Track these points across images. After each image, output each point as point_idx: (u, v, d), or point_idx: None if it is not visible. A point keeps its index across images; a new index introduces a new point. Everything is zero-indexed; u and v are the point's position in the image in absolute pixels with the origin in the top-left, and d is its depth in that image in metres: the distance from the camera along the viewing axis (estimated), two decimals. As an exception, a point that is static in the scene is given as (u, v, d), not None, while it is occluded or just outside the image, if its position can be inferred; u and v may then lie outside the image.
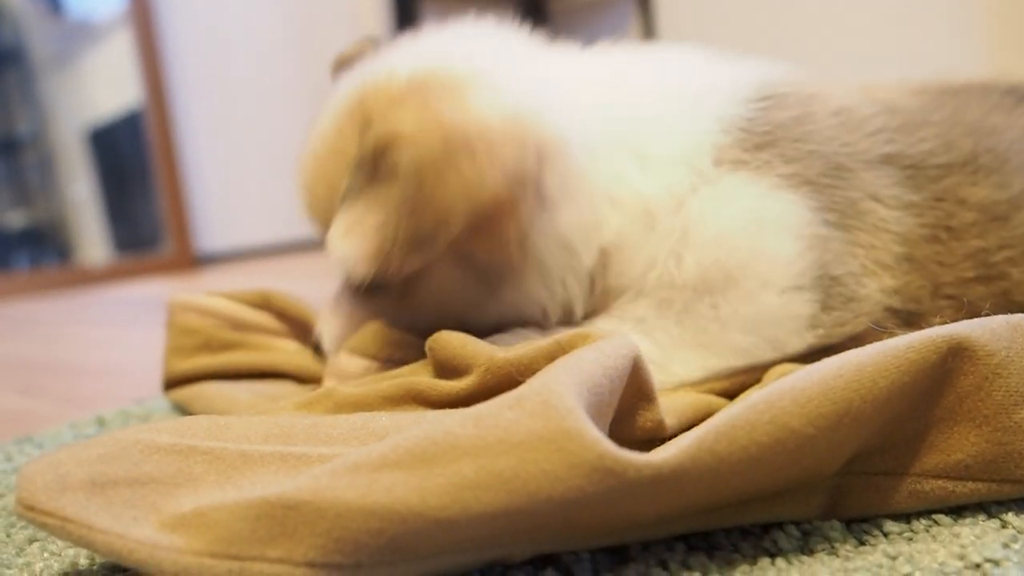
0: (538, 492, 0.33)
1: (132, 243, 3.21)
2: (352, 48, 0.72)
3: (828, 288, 0.56)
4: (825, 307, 0.56)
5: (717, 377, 0.57)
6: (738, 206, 0.57)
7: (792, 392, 0.36)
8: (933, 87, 0.67)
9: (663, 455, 0.34)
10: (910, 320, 0.59)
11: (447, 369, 0.53)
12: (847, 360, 0.38)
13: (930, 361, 0.39)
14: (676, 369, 0.57)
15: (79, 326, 1.77)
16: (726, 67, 0.64)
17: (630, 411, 0.44)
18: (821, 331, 0.56)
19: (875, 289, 0.58)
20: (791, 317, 0.56)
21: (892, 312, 0.59)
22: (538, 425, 0.33)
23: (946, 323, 0.57)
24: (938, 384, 0.40)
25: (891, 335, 0.42)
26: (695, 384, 0.57)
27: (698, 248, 0.57)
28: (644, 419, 0.44)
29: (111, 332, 1.63)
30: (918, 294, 0.59)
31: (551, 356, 0.48)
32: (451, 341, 0.53)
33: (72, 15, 3.26)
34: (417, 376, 0.54)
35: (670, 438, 0.46)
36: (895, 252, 0.59)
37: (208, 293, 0.81)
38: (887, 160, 0.61)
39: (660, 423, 0.45)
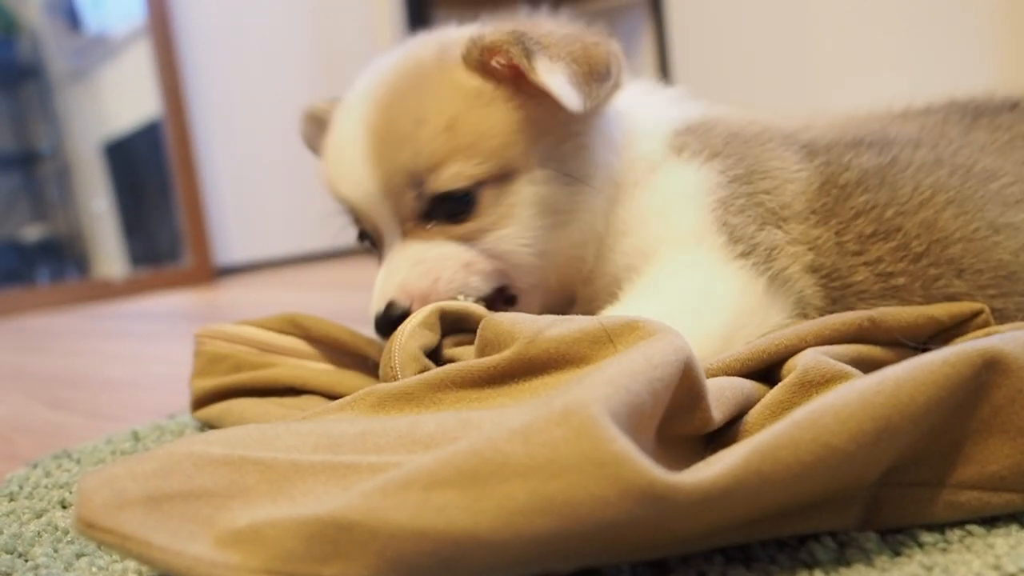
0: (589, 516, 0.33)
1: (150, 256, 3.24)
2: (323, 105, 0.84)
3: (731, 231, 0.68)
4: (732, 239, 0.68)
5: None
6: (658, 187, 0.73)
7: (833, 409, 0.37)
8: (849, 115, 0.83)
9: (710, 475, 0.35)
10: (834, 278, 0.69)
11: (492, 347, 0.54)
12: (885, 376, 0.39)
13: (965, 375, 0.40)
14: None
15: (102, 339, 1.79)
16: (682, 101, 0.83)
17: (681, 411, 0.44)
18: (744, 261, 0.67)
19: (779, 233, 0.69)
20: (712, 264, 0.67)
21: (814, 269, 0.69)
22: (588, 447, 0.34)
23: (871, 290, 0.68)
24: (973, 397, 0.41)
25: (925, 350, 0.42)
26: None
27: (635, 224, 0.73)
28: (694, 417, 0.45)
29: (135, 345, 1.65)
30: (827, 247, 0.69)
31: (595, 339, 0.50)
32: (501, 321, 0.55)
33: (90, 30, 3.30)
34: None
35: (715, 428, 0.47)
36: (803, 202, 0.71)
37: (235, 322, 0.83)
38: (786, 140, 0.75)
39: (708, 419, 0.45)
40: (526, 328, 0.53)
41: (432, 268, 0.70)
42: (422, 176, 0.69)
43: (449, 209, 0.70)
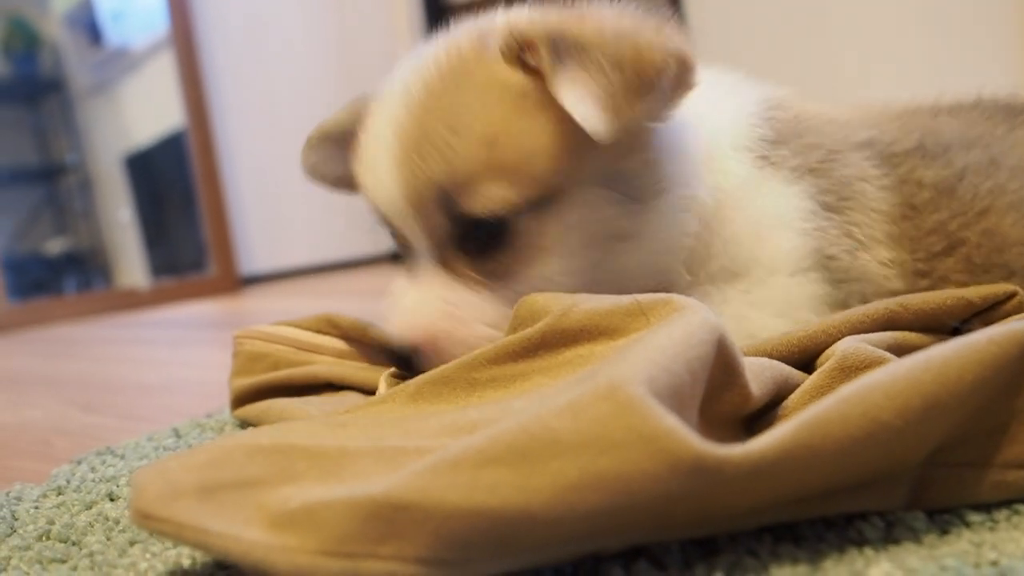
0: (640, 492, 0.34)
1: (173, 266, 3.26)
2: (335, 119, 0.76)
3: (827, 265, 0.65)
4: (832, 283, 0.65)
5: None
6: (752, 208, 0.66)
7: (882, 385, 0.37)
8: (893, 106, 0.79)
9: (759, 447, 0.35)
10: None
11: (526, 325, 0.54)
12: (932, 355, 0.39)
13: (1011, 355, 0.40)
14: None
15: (131, 346, 1.81)
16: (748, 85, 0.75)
17: (719, 388, 0.44)
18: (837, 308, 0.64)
19: (871, 260, 0.66)
20: (806, 296, 0.65)
21: (892, 292, 0.66)
22: (637, 422, 0.34)
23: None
24: (1019, 377, 0.41)
25: (969, 331, 0.43)
26: None
27: (723, 246, 0.67)
28: (732, 394, 0.45)
29: (163, 351, 1.66)
30: (903, 269, 0.67)
31: (628, 312, 0.50)
32: (535, 299, 0.55)
33: (111, 43, 3.33)
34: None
35: (755, 407, 0.47)
36: (885, 229, 0.67)
37: (272, 323, 0.83)
38: (864, 144, 0.70)
39: (747, 396, 0.46)
40: (560, 302, 0.53)
41: (457, 321, 0.63)
42: (453, 195, 0.61)
43: (484, 236, 0.62)
